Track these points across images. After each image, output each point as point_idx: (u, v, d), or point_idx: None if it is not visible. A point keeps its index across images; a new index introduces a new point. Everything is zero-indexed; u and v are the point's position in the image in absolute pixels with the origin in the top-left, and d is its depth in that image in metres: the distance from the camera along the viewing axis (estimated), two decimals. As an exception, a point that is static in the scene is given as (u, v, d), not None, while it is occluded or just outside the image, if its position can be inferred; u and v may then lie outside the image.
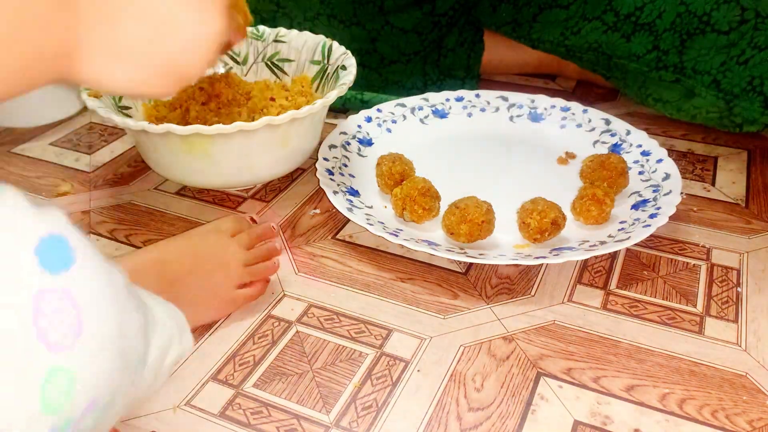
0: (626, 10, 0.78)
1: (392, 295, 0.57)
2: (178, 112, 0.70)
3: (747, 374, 0.49)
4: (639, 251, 0.61)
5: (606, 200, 0.61)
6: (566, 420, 0.46)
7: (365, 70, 0.86)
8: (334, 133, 0.73)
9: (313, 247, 0.62)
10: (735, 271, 0.59)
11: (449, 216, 0.59)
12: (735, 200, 0.69)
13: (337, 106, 0.85)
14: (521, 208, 0.60)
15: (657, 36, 0.77)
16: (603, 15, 0.80)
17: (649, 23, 0.77)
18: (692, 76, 0.76)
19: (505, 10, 0.87)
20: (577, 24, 0.82)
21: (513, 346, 0.51)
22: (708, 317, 0.54)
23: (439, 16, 0.87)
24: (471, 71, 0.92)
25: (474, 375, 0.49)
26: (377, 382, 0.48)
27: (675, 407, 0.46)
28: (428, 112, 0.80)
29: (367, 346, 0.51)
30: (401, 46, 0.86)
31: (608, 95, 0.92)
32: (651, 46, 0.78)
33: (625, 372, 0.49)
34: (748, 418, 0.46)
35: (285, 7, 0.81)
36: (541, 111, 0.80)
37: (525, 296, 0.56)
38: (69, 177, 0.74)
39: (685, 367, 0.50)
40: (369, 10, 0.83)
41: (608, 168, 0.65)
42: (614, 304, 0.55)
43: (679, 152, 0.78)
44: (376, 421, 0.45)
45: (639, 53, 0.79)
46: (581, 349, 0.51)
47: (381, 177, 0.66)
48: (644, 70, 0.79)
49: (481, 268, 0.59)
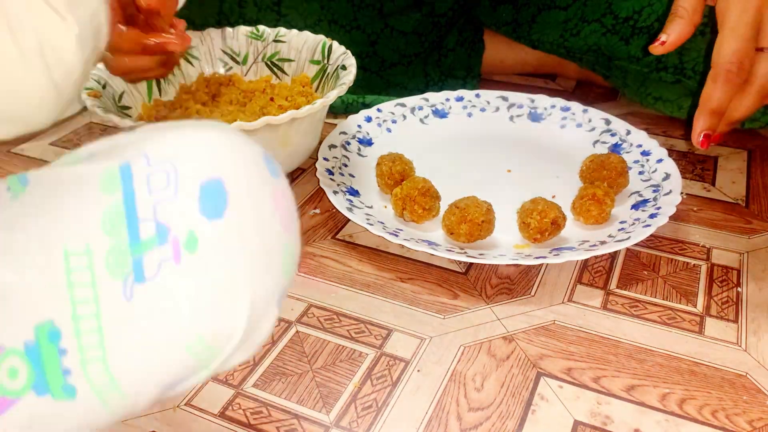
0: (624, 13, 0.78)
1: (392, 295, 0.57)
2: (179, 112, 0.70)
3: (747, 374, 0.49)
4: (639, 251, 0.61)
5: (606, 200, 0.61)
6: (566, 420, 0.46)
7: (366, 73, 0.86)
8: (334, 133, 0.73)
9: (313, 247, 0.62)
10: (735, 271, 0.59)
11: (449, 216, 0.59)
12: (735, 200, 0.69)
13: (339, 110, 0.85)
14: (521, 208, 0.60)
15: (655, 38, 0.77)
16: (602, 18, 0.80)
17: (647, 26, 0.77)
18: (692, 77, 0.76)
19: (505, 11, 0.87)
20: (577, 26, 0.82)
21: (513, 346, 0.51)
22: (708, 317, 0.54)
23: (439, 16, 0.87)
24: (472, 71, 0.92)
25: (474, 375, 0.49)
26: (377, 382, 0.48)
27: (675, 407, 0.46)
28: (428, 112, 0.80)
29: (367, 346, 0.51)
30: (401, 48, 0.86)
31: (608, 95, 0.92)
32: None
33: (626, 372, 0.49)
34: (748, 418, 0.46)
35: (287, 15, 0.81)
36: (541, 111, 0.80)
37: (525, 296, 0.56)
38: (69, 177, 0.74)
39: (685, 367, 0.50)
40: (369, 14, 0.83)
41: (608, 168, 0.65)
42: (614, 304, 0.55)
43: (680, 152, 0.78)
44: (376, 421, 0.45)
45: (638, 55, 0.79)
46: (581, 349, 0.51)
47: (381, 177, 0.66)
48: (644, 72, 0.79)
49: (481, 268, 0.59)
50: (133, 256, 0.28)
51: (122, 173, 0.28)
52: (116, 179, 0.28)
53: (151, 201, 0.28)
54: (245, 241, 0.29)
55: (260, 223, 0.30)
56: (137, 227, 0.28)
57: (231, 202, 0.29)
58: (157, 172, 0.28)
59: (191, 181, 0.28)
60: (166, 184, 0.28)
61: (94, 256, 0.27)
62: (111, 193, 0.28)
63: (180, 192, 0.28)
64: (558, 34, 0.83)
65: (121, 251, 0.28)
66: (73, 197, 0.28)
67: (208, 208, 0.28)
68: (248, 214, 0.29)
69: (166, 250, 0.28)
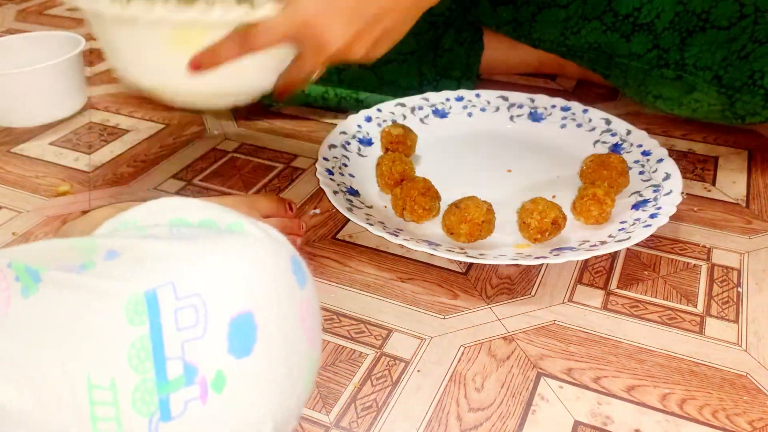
0: (624, 10, 0.78)
1: (392, 295, 0.57)
2: None
3: (747, 374, 0.49)
4: (639, 251, 0.61)
5: (606, 200, 0.61)
6: (566, 420, 0.46)
7: (360, 69, 0.86)
8: (334, 133, 0.73)
9: (313, 247, 0.62)
10: (735, 271, 0.59)
11: (449, 216, 0.59)
12: (735, 200, 0.69)
13: (332, 104, 0.85)
14: (521, 208, 0.60)
15: (656, 35, 0.77)
16: (602, 15, 0.80)
17: (647, 23, 0.77)
18: (694, 73, 0.76)
19: (505, 10, 0.87)
20: (577, 24, 0.82)
21: (513, 346, 0.51)
22: (708, 317, 0.54)
23: (436, 16, 0.87)
24: (469, 71, 0.92)
25: (474, 375, 0.49)
26: (377, 382, 0.48)
27: (675, 407, 0.46)
28: (428, 112, 0.80)
29: (367, 346, 0.51)
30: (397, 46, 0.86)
31: (608, 95, 0.92)
32: (651, 45, 0.78)
33: (626, 372, 0.49)
34: (748, 418, 0.46)
35: None
36: (541, 111, 0.80)
37: (525, 296, 0.56)
38: (68, 177, 0.74)
39: (685, 368, 0.50)
40: None
41: (608, 168, 0.65)
42: (614, 304, 0.55)
43: (680, 152, 0.78)
44: (376, 421, 0.45)
45: (639, 52, 0.79)
46: (581, 350, 0.51)
47: (381, 177, 0.66)
48: (645, 68, 0.79)
49: (481, 268, 0.59)
50: (160, 395, 0.27)
51: (149, 303, 0.27)
52: (143, 309, 0.27)
53: (179, 339, 0.27)
54: (272, 373, 0.29)
55: (288, 349, 0.30)
56: (164, 366, 0.27)
57: (260, 336, 0.29)
58: (185, 307, 0.28)
59: (220, 318, 0.28)
60: (195, 322, 0.28)
61: (120, 392, 0.27)
62: (137, 325, 0.27)
63: (209, 331, 0.28)
64: (559, 33, 0.83)
65: (148, 389, 0.27)
66: (95, 320, 0.27)
67: (237, 347, 0.28)
68: (276, 346, 0.29)
69: (193, 391, 0.28)
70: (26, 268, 0.28)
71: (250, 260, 0.30)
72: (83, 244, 0.30)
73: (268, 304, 0.29)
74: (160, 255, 0.29)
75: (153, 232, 0.31)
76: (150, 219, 0.33)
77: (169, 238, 0.30)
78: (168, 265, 0.29)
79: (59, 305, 0.28)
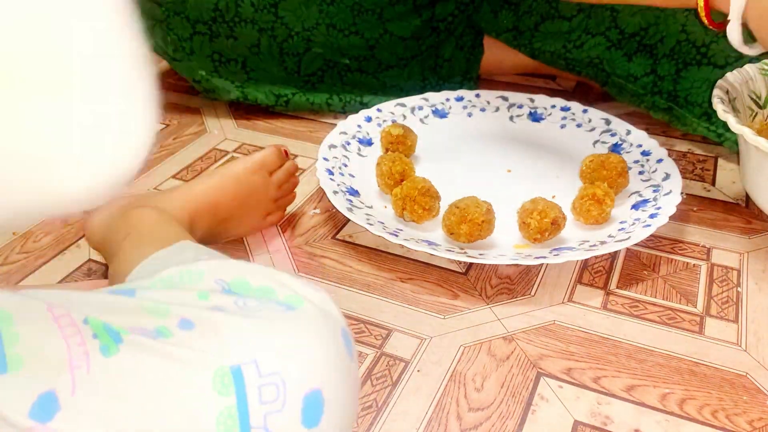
0: (631, 29, 0.78)
1: (392, 295, 0.57)
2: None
3: (747, 374, 0.49)
4: (639, 251, 0.61)
5: (606, 200, 0.61)
6: (566, 420, 0.46)
7: (363, 74, 0.86)
8: (334, 133, 0.73)
9: (313, 247, 0.62)
10: (735, 271, 0.59)
11: (449, 216, 0.59)
12: (735, 200, 0.69)
13: (337, 109, 0.85)
14: (521, 208, 0.60)
15: (656, 60, 0.77)
16: (607, 31, 0.80)
17: (651, 45, 0.77)
18: (684, 106, 0.76)
19: (506, 17, 0.87)
20: (580, 38, 0.82)
21: (513, 346, 0.51)
22: (708, 317, 0.54)
23: (439, 21, 0.87)
24: (469, 75, 0.92)
25: (474, 375, 0.49)
26: (377, 382, 0.48)
27: (675, 407, 0.46)
28: (428, 112, 0.80)
29: (367, 346, 0.51)
30: (399, 52, 0.86)
31: (608, 95, 0.92)
32: (649, 69, 0.78)
33: (625, 372, 0.49)
34: (748, 418, 0.46)
35: (283, 17, 0.81)
36: (541, 111, 0.80)
37: (525, 296, 0.56)
38: (69, 177, 0.74)
39: (685, 367, 0.50)
40: (368, 19, 0.83)
41: (608, 168, 0.65)
42: (614, 304, 0.55)
43: (679, 152, 0.78)
44: (376, 421, 0.45)
45: (637, 74, 0.79)
46: (581, 349, 0.51)
47: (381, 177, 0.66)
48: (640, 93, 0.79)
49: (481, 268, 0.59)
50: None
51: (235, 377, 0.31)
52: (229, 382, 0.31)
53: (262, 411, 0.32)
54: None
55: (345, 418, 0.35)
56: None
57: (326, 409, 0.33)
58: (267, 384, 0.32)
59: (297, 394, 0.33)
60: (276, 397, 0.32)
61: None
62: (225, 395, 0.31)
63: (287, 405, 0.32)
64: (560, 45, 0.83)
65: None
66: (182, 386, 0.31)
67: (308, 419, 0.33)
68: (337, 416, 0.34)
69: None
70: (105, 326, 0.31)
71: (317, 342, 0.34)
72: (152, 307, 0.33)
73: (332, 382, 0.34)
74: (237, 332, 0.33)
75: (217, 302, 0.35)
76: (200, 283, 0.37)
77: (239, 315, 0.34)
78: (248, 343, 0.33)
79: (143, 368, 0.30)
